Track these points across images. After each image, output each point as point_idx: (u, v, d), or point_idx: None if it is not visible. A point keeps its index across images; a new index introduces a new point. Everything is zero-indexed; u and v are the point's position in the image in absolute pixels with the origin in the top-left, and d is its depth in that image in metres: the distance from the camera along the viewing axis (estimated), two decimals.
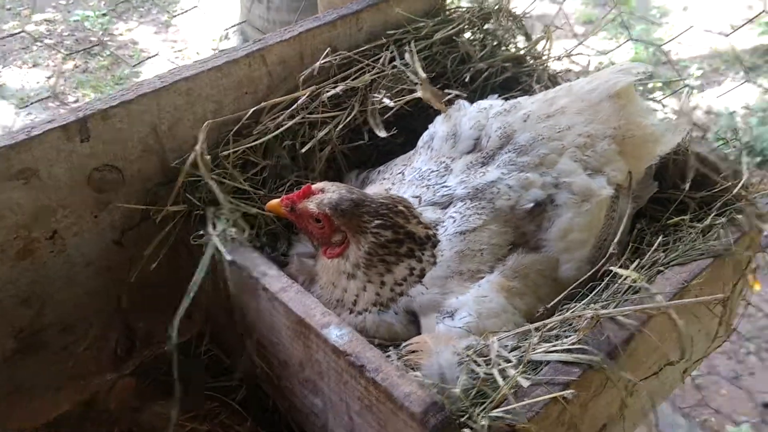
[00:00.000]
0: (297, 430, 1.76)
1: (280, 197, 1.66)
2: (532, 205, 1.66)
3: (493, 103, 1.86)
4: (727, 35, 1.98)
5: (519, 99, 1.87)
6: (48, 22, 7.87)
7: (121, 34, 7.69)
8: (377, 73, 1.97)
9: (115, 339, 1.92)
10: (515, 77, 2.11)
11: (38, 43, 7.33)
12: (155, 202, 1.80)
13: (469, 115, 1.82)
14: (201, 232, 1.65)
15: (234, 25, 5.54)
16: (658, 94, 6.13)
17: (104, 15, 7.94)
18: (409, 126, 2.07)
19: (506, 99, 1.93)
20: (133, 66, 4.55)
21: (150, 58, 5.01)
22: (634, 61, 6.63)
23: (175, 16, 6.69)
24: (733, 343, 3.97)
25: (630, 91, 1.80)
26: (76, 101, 6.40)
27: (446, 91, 1.91)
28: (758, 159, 5.63)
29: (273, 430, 1.80)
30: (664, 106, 1.93)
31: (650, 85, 6.57)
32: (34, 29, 7.61)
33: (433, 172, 1.76)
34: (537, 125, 1.76)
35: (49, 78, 6.88)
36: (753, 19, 2.13)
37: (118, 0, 7.77)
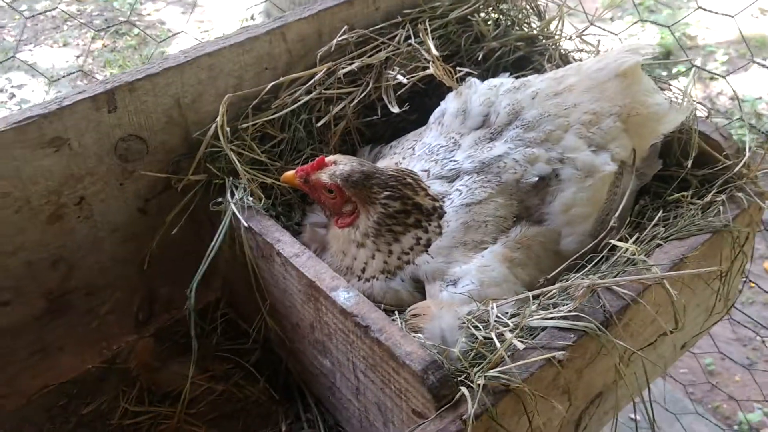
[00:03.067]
0: (307, 391, 1.85)
1: (295, 169, 1.74)
2: (536, 179, 1.72)
3: (504, 81, 1.92)
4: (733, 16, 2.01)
5: (529, 77, 1.93)
6: (78, 2, 8.01)
7: (148, 14, 7.81)
8: (392, 51, 2.04)
9: (137, 304, 2.02)
10: (527, 57, 2.16)
11: (68, 23, 7.47)
12: (178, 172, 1.89)
13: (480, 92, 1.88)
14: (219, 200, 1.74)
15: (258, 3, 5.59)
16: (682, 79, 6.11)
17: None
18: (422, 103, 2.14)
19: (517, 78, 1.98)
20: (159, 42, 4.63)
21: (175, 35, 5.09)
22: (659, 44, 6.63)
23: None
24: (748, 330, 3.98)
25: (636, 71, 1.85)
26: None
27: (458, 68, 1.97)
28: None
29: (284, 392, 1.89)
30: (670, 86, 1.97)
31: (674, 70, 6.56)
32: (65, 9, 7.76)
33: (442, 147, 1.83)
34: (545, 102, 1.81)
35: (78, 57, 7.02)
36: None
37: None
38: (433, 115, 1.94)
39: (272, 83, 1.91)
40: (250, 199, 1.72)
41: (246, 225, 1.67)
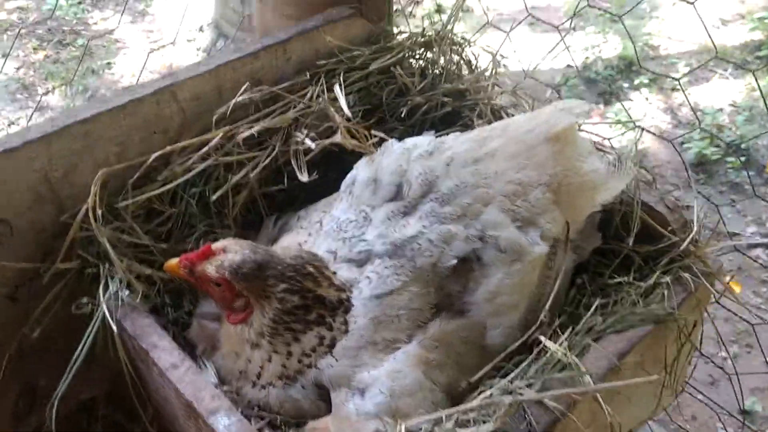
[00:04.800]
0: None
1: (180, 255, 1.50)
2: (455, 261, 1.51)
3: (418, 143, 1.68)
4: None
5: (446, 138, 1.70)
6: (20, 10, 7.67)
7: (95, 24, 7.50)
8: (302, 109, 1.81)
9: (15, 396, 1.78)
10: (457, 111, 1.95)
11: (9, 33, 7.14)
12: (53, 252, 1.65)
13: (392, 157, 1.66)
14: (85, 300, 1.50)
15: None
16: (644, 91, 6.02)
17: (79, 3, 7.74)
18: (341, 161, 1.91)
19: (444, 135, 1.77)
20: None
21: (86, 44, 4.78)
22: (621, 56, 6.50)
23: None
24: (711, 347, 3.86)
25: (570, 133, 1.65)
26: (45, 93, 6.25)
27: (373, 132, 1.74)
28: (743, 158, 5.50)
29: None
30: (612, 147, 1.77)
31: (636, 82, 6.44)
32: (5, 18, 7.42)
33: (351, 222, 1.61)
34: (461, 170, 1.59)
35: (18, 69, 6.69)
36: None
37: None
38: (344, 182, 1.71)
39: (156, 153, 1.66)
40: (127, 292, 1.49)
41: (116, 331, 1.44)
